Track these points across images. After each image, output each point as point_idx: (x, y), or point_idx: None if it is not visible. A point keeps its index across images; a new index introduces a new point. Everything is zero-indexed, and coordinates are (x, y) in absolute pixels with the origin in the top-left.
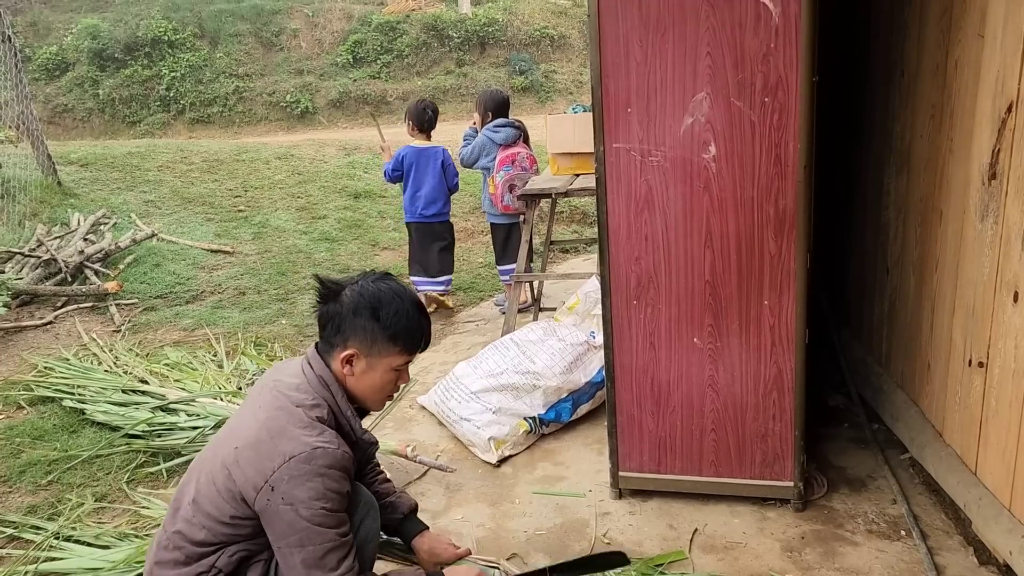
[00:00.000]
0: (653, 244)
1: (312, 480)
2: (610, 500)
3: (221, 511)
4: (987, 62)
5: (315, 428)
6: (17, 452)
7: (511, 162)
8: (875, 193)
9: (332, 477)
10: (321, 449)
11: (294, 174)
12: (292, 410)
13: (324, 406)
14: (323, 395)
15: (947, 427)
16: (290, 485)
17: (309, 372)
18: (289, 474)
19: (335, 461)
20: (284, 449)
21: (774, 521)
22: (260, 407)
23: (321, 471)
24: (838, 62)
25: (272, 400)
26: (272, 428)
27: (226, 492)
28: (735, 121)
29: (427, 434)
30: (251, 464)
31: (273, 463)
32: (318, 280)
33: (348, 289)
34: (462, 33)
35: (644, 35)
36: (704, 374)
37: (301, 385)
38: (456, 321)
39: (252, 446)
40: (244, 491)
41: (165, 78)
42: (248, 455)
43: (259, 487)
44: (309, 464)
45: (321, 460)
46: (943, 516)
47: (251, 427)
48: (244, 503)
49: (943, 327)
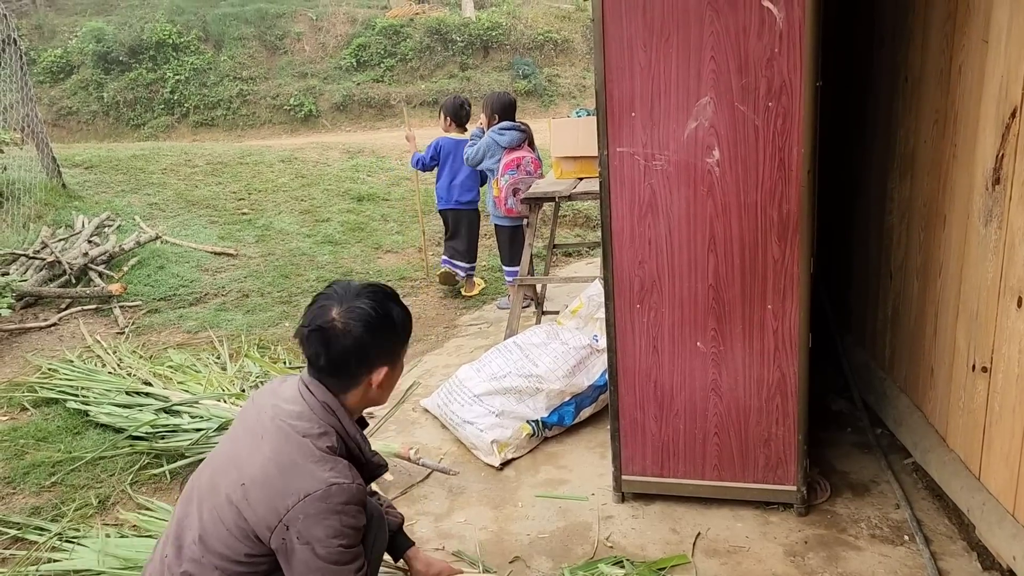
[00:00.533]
0: (656, 248)
1: (329, 518)
2: (613, 504)
3: (235, 550)
4: (991, 67)
5: (327, 462)
6: (21, 453)
7: (516, 166)
8: (878, 198)
9: (349, 513)
10: (337, 486)
11: (297, 177)
12: (300, 442)
13: (332, 434)
14: (329, 422)
15: (950, 432)
16: (306, 524)
17: (310, 399)
18: (304, 512)
19: (351, 497)
20: (298, 487)
21: (777, 525)
22: (263, 437)
23: (337, 508)
24: (842, 67)
25: (275, 430)
26: (282, 463)
27: (238, 531)
28: (739, 125)
29: (430, 437)
30: (262, 503)
31: (287, 501)
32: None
33: (338, 318)
34: (465, 37)
35: (648, 40)
36: (707, 378)
37: (303, 413)
38: (459, 324)
39: (262, 484)
40: (258, 530)
41: (169, 81)
42: (258, 494)
43: (273, 527)
44: (325, 502)
45: (337, 498)
46: (946, 521)
47: (256, 461)
48: (259, 541)
49: (946, 332)
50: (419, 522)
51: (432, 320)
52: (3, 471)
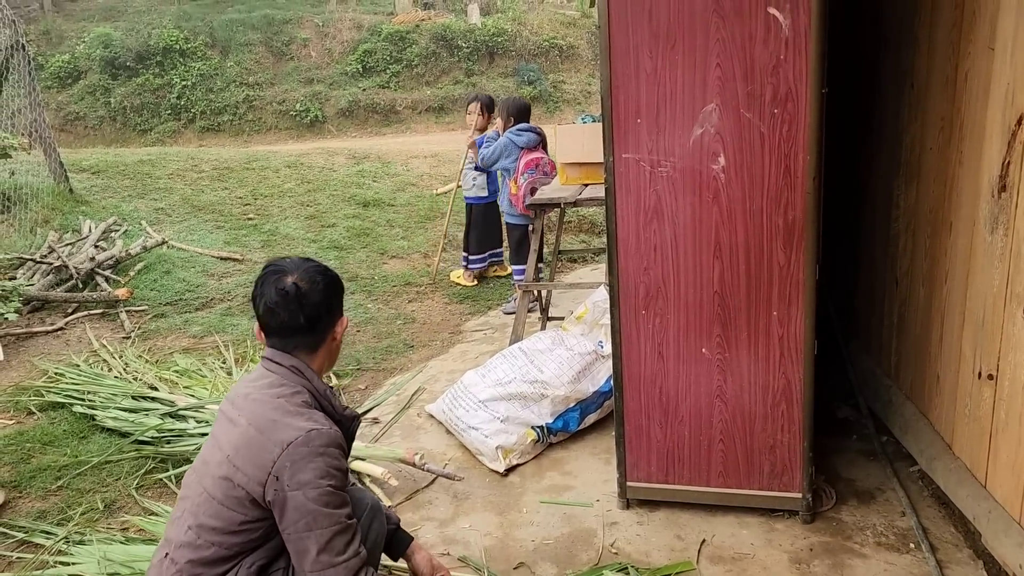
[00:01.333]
0: (662, 254)
1: (314, 460)
2: (618, 510)
3: (229, 521)
4: (997, 75)
5: (303, 414)
6: (27, 458)
7: (535, 166)
8: (884, 204)
9: (331, 455)
10: (316, 431)
11: (303, 182)
12: (275, 403)
13: (304, 392)
14: (300, 382)
15: (956, 439)
16: (293, 470)
17: (277, 368)
18: (291, 459)
19: (331, 440)
20: (280, 438)
21: (782, 533)
22: (239, 416)
23: (320, 450)
24: (848, 74)
25: (249, 404)
26: (260, 424)
27: (230, 500)
28: (744, 132)
29: (435, 442)
30: (249, 462)
31: (272, 454)
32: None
33: (293, 282)
34: (471, 43)
35: (654, 47)
36: (712, 384)
37: (273, 381)
38: (464, 330)
39: (245, 447)
40: (250, 490)
41: (176, 87)
42: (243, 456)
43: (264, 481)
44: (307, 446)
45: (318, 441)
46: (952, 529)
47: (236, 433)
48: (253, 504)
49: (952, 339)
50: (424, 527)
51: (437, 326)
52: (9, 475)
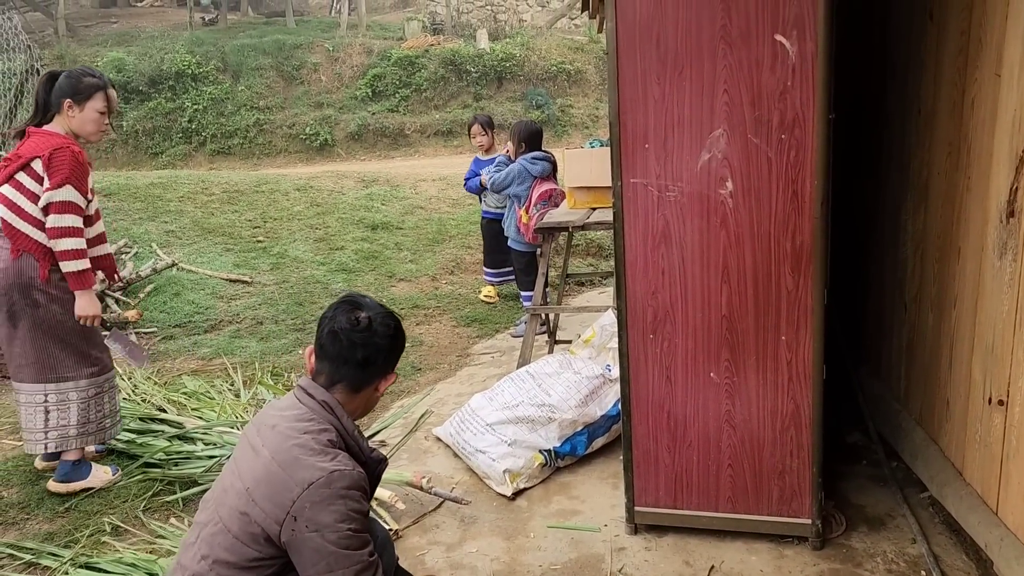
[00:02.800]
0: (670, 278)
1: (335, 503)
2: (625, 535)
3: (241, 555)
4: (1004, 101)
5: (328, 453)
6: (36, 480)
7: (548, 197)
8: (892, 229)
9: (353, 498)
10: (339, 472)
11: (312, 205)
12: (300, 439)
13: (331, 430)
14: (329, 419)
15: (967, 466)
16: (313, 511)
17: (309, 401)
18: (311, 501)
19: (353, 482)
20: (301, 477)
21: (792, 559)
22: (263, 445)
23: (342, 493)
24: (855, 99)
25: (275, 436)
26: (283, 460)
27: (245, 536)
28: (752, 157)
29: (442, 466)
30: (268, 499)
31: (292, 493)
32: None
33: (374, 322)
34: (480, 68)
35: (662, 72)
36: (721, 409)
37: (302, 415)
38: (472, 353)
39: (266, 482)
40: (267, 527)
41: (188, 110)
42: (263, 491)
43: (281, 520)
44: (329, 488)
45: (340, 483)
46: (964, 556)
47: (258, 465)
48: (268, 543)
49: (962, 364)
50: (430, 552)
51: (445, 349)
52: (18, 496)
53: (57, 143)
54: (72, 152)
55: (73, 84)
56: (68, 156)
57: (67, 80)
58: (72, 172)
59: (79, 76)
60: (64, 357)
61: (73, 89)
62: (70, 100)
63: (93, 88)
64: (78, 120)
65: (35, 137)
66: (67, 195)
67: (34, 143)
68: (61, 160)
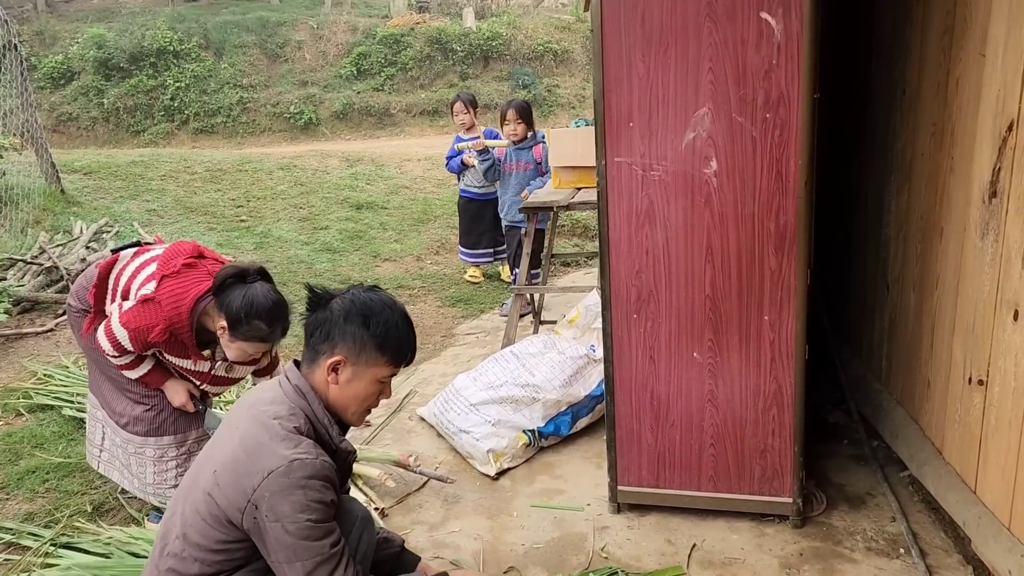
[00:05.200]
0: (654, 258)
1: (294, 493)
2: (608, 514)
3: (209, 538)
4: (988, 81)
5: (291, 440)
6: (15, 459)
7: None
8: (876, 210)
9: (314, 488)
10: (299, 461)
11: (296, 185)
12: (268, 423)
13: (300, 415)
14: (299, 404)
15: (947, 445)
16: (272, 501)
17: (285, 384)
18: (270, 490)
19: (315, 471)
20: (262, 465)
21: (772, 537)
22: (237, 427)
23: (302, 483)
24: (840, 79)
25: (249, 419)
26: (248, 445)
27: (211, 518)
28: (736, 137)
29: (426, 446)
30: (231, 485)
31: (253, 480)
32: (308, 288)
33: (338, 298)
34: (466, 47)
35: (647, 50)
36: (704, 389)
37: (276, 398)
38: (456, 333)
39: (230, 467)
40: (229, 513)
41: (170, 88)
42: (227, 477)
43: (243, 507)
44: (288, 477)
45: (300, 472)
46: (942, 534)
47: (228, 448)
48: (232, 526)
49: (943, 345)
50: (414, 531)
51: (430, 329)
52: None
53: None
54: (149, 326)
55: (239, 317)
56: (143, 322)
57: (240, 305)
58: (135, 332)
59: (252, 314)
60: (113, 399)
61: (235, 323)
62: (225, 327)
63: (255, 336)
64: (223, 342)
65: (190, 277)
66: (118, 334)
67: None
68: (139, 315)
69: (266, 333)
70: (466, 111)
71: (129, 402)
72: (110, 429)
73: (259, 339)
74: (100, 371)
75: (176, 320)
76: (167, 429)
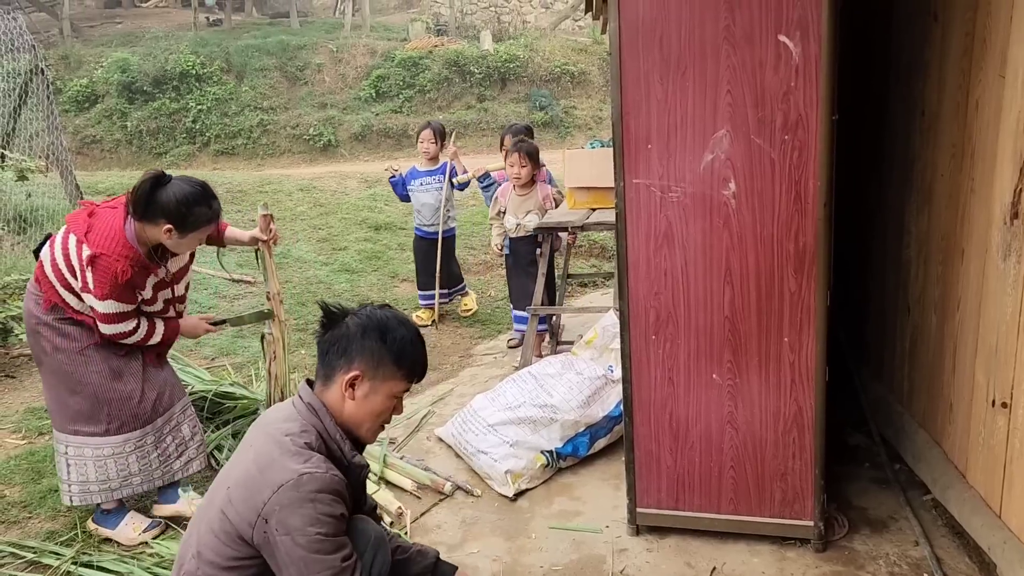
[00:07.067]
0: (672, 279)
1: (303, 507)
2: (627, 536)
3: (222, 555)
4: (1008, 102)
5: (302, 455)
6: (38, 478)
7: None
8: (896, 231)
9: (323, 501)
10: (308, 474)
11: (316, 206)
12: (280, 440)
13: (312, 432)
14: (311, 421)
15: (970, 468)
16: (282, 515)
17: (299, 403)
18: (280, 503)
19: (324, 485)
20: (272, 479)
21: (794, 561)
22: (251, 446)
23: (311, 496)
24: (857, 99)
25: (263, 437)
26: (261, 462)
27: (224, 535)
28: (755, 158)
29: (444, 466)
30: (243, 501)
31: (263, 495)
32: (322, 306)
33: (353, 315)
34: (483, 69)
35: (665, 73)
36: (723, 410)
37: (289, 416)
38: (474, 353)
39: (243, 483)
40: (240, 529)
41: (192, 111)
42: (240, 493)
43: (253, 522)
44: (297, 491)
45: (309, 485)
46: (967, 559)
47: (241, 465)
48: (243, 542)
49: (965, 367)
50: None
51: (447, 349)
52: (20, 495)
53: (104, 249)
54: (114, 272)
55: (182, 214)
56: (109, 275)
57: (176, 205)
58: (112, 289)
59: (190, 205)
60: (78, 411)
61: (181, 220)
62: (171, 227)
63: (203, 221)
64: (173, 243)
65: (100, 218)
66: (109, 308)
67: (95, 225)
68: (102, 273)
69: (211, 213)
70: (433, 140)
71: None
72: (80, 452)
73: (207, 221)
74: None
75: (126, 252)
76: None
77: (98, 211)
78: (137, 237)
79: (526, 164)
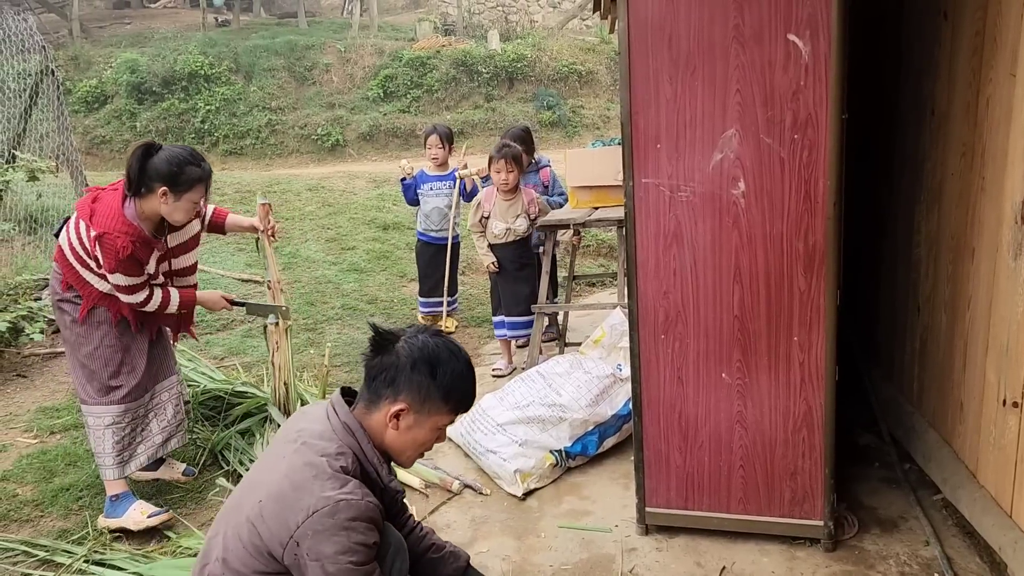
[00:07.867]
0: (681, 279)
1: (337, 535)
2: (636, 536)
3: (248, 567)
4: (1019, 101)
5: (338, 480)
6: (50, 477)
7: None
8: (906, 230)
9: (358, 530)
10: (344, 502)
11: (324, 206)
12: (316, 460)
13: (349, 454)
14: (348, 442)
15: (981, 468)
16: (315, 540)
17: (334, 418)
18: (313, 529)
19: (359, 513)
20: (307, 503)
21: (804, 561)
22: (284, 456)
23: (346, 524)
24: (867, 98)
25: (296, 449)
26: (295, 480)
27: (252, 547)
28: (764, 157)
29: (453, 466)
30: (275, 518)
31: (297, 517)
32: (372, 328)
33: (404, 341)
34: (491, 68)
35: (674, 72)
36: (732, 409)
37: (325, 432)
38: (482, 353)
39: (276, 499)
40: (271, 546)
41: (200, 111)
42: (272, 508)
43: (285, 543)
44: (333, 518)
45: (344, 513)
46: (977, 559)
47: (274, 479)
48: (272, 558)
49: (976, 366)
50: None
51: None
52: (32, 494)
53: (106, 228)
54: (116, 248)
55: (173, 173)
56: (112, 251)
57: (167, 166)
58: (118, 264)
59: (181, 164)
60: (85, 382)
61: (173, 179)
62: (166, 189)
63: (195, 180)
64: (169, 208)
65: (103, 201)
66: (118, 280)
67: (97, 209)
68: (107, 250)
69: (201, 172)
70: (441, 146)
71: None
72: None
73: (198, 179)
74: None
75: (126, 229)
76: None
77: (101, 195)
78: (138, 215)
79: (512, 169)
